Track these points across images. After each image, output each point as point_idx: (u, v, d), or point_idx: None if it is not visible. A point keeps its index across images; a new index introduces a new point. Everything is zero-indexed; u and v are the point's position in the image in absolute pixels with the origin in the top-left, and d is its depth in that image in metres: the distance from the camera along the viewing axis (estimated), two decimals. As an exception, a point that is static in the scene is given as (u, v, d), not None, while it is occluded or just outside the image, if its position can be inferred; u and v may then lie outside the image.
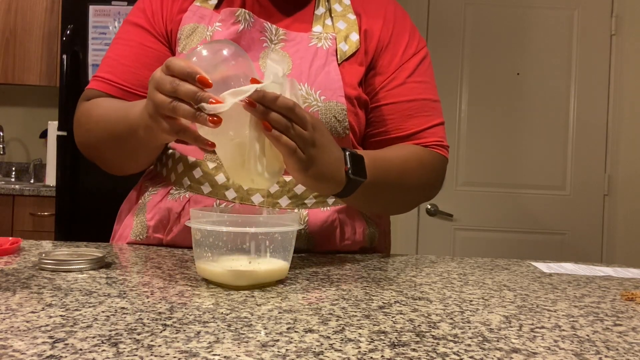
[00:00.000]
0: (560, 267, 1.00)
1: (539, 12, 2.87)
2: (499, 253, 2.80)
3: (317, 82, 0.97)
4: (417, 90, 1.05)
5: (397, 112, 1.03)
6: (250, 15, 0.99)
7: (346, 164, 0.82)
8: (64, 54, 2.65)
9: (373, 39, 1.04)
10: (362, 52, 1.03)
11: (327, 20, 1.03)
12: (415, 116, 1.03)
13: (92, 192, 2.66)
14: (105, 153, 1.00)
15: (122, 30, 1.06)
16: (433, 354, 0.49)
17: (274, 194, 0.96)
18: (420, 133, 1.03)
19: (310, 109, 0.95)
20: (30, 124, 3.55)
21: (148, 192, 1.04)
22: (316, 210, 0.98)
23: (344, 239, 1.01)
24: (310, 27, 1.02)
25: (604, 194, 2.85)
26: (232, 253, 0.73)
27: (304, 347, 0.49)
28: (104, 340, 0.49)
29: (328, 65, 0.98)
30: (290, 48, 0.99)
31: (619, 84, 2.84)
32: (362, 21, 1.05)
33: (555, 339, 0.55)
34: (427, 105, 1.05)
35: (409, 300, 0.69)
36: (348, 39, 1.02)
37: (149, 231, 1.01)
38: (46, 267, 0.77)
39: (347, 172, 0.82)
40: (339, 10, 1.04)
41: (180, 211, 0.98)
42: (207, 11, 1.01)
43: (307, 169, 0.76)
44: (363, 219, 1.04)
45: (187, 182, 0.98)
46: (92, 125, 0.98)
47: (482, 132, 2.88)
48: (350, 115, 0.99)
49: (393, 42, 1.05)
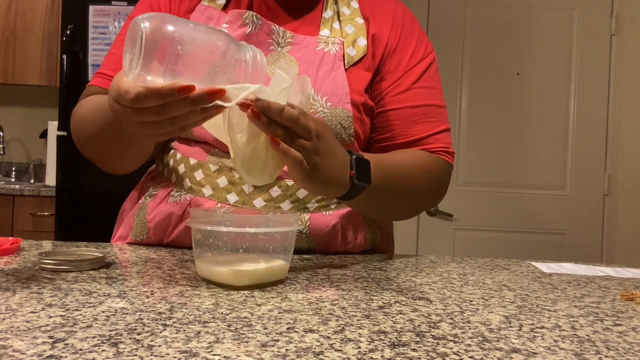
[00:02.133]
0: (560, 267, 1.00)
1: (539, 12, 2.87)
2: (499, 253, 2.80)
3: (324, 88, 0.96)
4: (423, 95, 1.04)
5: (402, 117, 1.02)
6: (257, 18, 0.98)
7: (351, 168, 0.81)
8: (64, 54, 2.65)
9: (381, 43, 1.03)
10: (370, 56, 1.02)
11: (334, 24, 1.02)
12: (420, 122, 1.02)
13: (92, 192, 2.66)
14: (96, 151, 0.98)
15: (126, 26, 1.04)
16: (433, 354, 0.49)
17: (276, 198, 0.95)
18: (426, 139, 1.02)
19: (315, 115, 0.94)
20: (30, 124, 3.55)
21: (149, 193, 1.04)
22: (318, 215, 0.97)
23: (346, 244, 1.01)
24: (318, 31, 1.01)
25: (604, 194, 2.85)
26: (232, 253, 0.73)
27: (304, 347, 0.49)
28: (104, 340, 0.49)
29: (335, 70, 0.97)
30: (297, 52, 0.98)
31: (619, 84, 2.84)
32: (370, 25, 1.03)
33: (555, 339, 0.55)
34: (432, 111, 1.04)
35: (409, 300, 0.69)
36: (356, 44, 1.01)
37: (150, 232, 1.00)
38: (46, 267, 0.77)
39: (352, 177, 0.81)
40: (347, 13, 1.03)
41: (181, 214, 0.97)
42: (215, 11, 1.00)
43: (311, 177, 0.75)
44: (365, 224, 1.03)
45: (188, 184, 0.98)
46: (81, 126, 0.97)
47: (482, 132, 2.88)
48: (356, 122, 0.98)
49: (400, 48, 1.04)
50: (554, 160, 2.86)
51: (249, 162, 0.72)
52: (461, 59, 2.88)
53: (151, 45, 0.63)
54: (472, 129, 2.88)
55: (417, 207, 1.04)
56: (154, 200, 1.01)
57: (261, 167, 0.73)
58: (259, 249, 0.74)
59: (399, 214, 1.03)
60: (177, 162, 1.00)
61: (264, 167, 0.73)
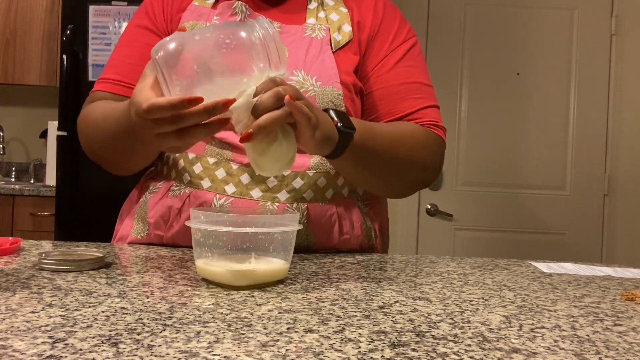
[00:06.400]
0: (560, 267, 1.00)
1: (539, 12, 2.87)
2: (499, 253, 2.80)
3: (313, 69, 1.00)
4: (407, 73, 1.06)
5: (388, 96, 1.05)
6: (246, 8, 1.03)
7: (333, 119, 0.84)
8: (64, 54, 2.64)
9: (365, 29, 1.07)
10: (356, 42, 1.06)
11: (320, 13, 1.07)
12: (406, 99, 1.04)
13: (92, 192, 2.66)
14: (107, 155, 1.01)
15: (126, 33, 1.08)
16: (433, 354, 0.49)
17: (273, 188, 0.97)
18: (413, 114, 1.04)
19: (307, 94, 0.97)
20: (30, 124, 3.54)
21: (149, 191, 1.05)
22: (315, 205, 0.99)
23: (343, 233, 1.02)
24: (304, 20, 1.06)
25: (604, 194, 2.85)
26: (232, 253, 0.73)
27: (304, 347, 0.49)
28: (104, 340, 0.49)
29: (323, 53, 1.01)
30: (286, 39, 1.02)
31: (619, 84, 2.84)
32: (354, 13, 1.08)
33: (555, 339, 0.55)
34: (418, 88, 1.06)
35: (409, 300, 0.69)
36: (341, 30, 1.05)
37: (150, 228, 1.01)
38: (46, 267, 0.77)
39: (337, 126, 0.83)
40: (331, 4, 1.08)
41: (180, 207, 0.99)
42: (205, 9, 1.05)
43: (314, 133, 0.78)
44: (360, 213, 1.05)
45: (188, 178, 1.00)
46: (91, 131, 0.99)
47: (482, 132, 2.88)
48: (347, 101, 1.01)
49: (382, 31, 1.08)
50: (554, 160, 2.86)
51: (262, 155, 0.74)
52: (461, 59, 2.88)
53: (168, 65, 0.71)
54: (472, 129, 2.88)
55: (407, 177, 1.02)
56: (154, 197, 1.03)
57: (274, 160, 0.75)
58: (259, 249, 0.74)
59: (389, 184, 1.02)
60: (177, 158, 1.02)
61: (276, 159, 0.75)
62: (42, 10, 3.20)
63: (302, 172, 0.98)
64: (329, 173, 1.00)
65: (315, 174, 0.98)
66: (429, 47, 2.87)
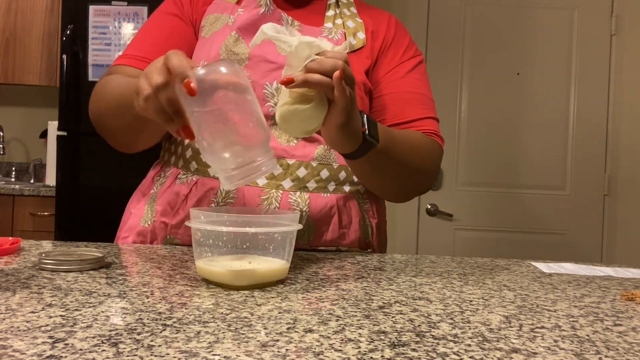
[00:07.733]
0: (560, 267, 1.00)
1: (539, 12, 2.87)
2: (499, 253, 2.80)
3: None
4: (416, 85, 1.13)
5: (397, 100, 1.10)
6: (270, 2, 1.07)
7: (363, 125, 0.86)
8: (64, 54, 2.64)
9: (378, 39, 1.14)
10: (369, 48, 1.12)
11: (337, 20, 1.13)
12: (414, 106, 1.10)
13: (92, 192, 2.66)
14: (112, 124, 1.01)
15: (152, 19, 1.13)
16: (433, 354, 0.49)
17: (278, 177, 1.00)
18: (418, 121, 1.09)
19: None
20: (30, 124, 3.54)
21: (158, 182, 1.08)
22: (317, 195, 1.02)
23: (342, 227, 1.04)
24: (322, 24, 1.12)
25: (604, 194, 2.85)
26: (232, 253, 0.73)
27: (304, 347, 0.49)
28: (104, 340, 0.49)
29: None
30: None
31: (619, 84, 2.84)
32: (369, 24, 1.15)
33: (555, 339, 0.55)
34: (424, 99, 1.12)
35: (409, 300, 0.69)
36: (356, 36, 1.12)
37: (156, 215, 1.05)
38: (46, 267, 0.77)
39: (364, 132, 0.86)
40: (347, 14, 1.16)
41: (187, 193, 1.02)
42: (229, 4, 1.10)
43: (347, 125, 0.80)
44: (359, 209, 1.08)
45: (195, 166, 1.03)
46: (106, 96, 1.00)
47: (482, 132, 2.88)
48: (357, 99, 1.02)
49: (394, 43, 1.15)
50: (554, 160, 2.85)
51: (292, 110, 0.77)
52: (461, 59, 2.88)
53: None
54: (472, 129, 2.88)
55: (411, 183, 1.06)
56: (162, 188, 1.06)
57: (300, 119, 0.77)
58: (259, 249, 0.74)
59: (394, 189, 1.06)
60: (185, 147, 1.05)
61: (302, 120, 0.77)
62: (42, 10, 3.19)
63: (306, 162, 1.01)
64: (331, 166, 1.03)
65: (319, 165, 1.02)
66: (429, 47, 2.87)
